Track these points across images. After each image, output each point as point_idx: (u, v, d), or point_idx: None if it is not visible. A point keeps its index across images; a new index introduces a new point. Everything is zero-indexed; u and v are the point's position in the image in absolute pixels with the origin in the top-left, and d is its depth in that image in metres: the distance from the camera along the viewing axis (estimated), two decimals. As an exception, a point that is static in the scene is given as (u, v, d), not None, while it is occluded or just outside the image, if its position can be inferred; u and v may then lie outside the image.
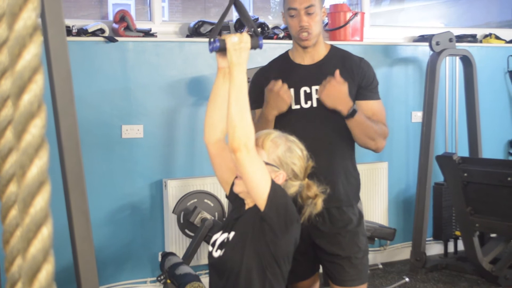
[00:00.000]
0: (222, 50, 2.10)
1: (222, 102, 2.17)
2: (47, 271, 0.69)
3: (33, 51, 0.66)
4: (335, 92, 2.59)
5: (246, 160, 1.98)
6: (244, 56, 2.06)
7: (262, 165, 2.04)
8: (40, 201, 0.68)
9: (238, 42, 2.06)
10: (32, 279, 0.70)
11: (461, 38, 5.35)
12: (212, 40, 2.11)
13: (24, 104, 0.66)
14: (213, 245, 2.19)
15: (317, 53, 2.76)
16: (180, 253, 4.20)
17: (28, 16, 0.65)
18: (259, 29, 4.65)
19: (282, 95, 2.62)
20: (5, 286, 0.93)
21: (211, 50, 2.13)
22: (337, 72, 2.63)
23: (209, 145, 2.23)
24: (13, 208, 0.87)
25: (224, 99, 2.15)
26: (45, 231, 0.69)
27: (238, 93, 2.00)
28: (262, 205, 2.02)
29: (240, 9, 2.25)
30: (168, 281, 3.78)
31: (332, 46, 2.84)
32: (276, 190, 2.03)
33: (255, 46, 2.14)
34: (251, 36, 2.12)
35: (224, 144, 2.21)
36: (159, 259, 4.17)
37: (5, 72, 0.82)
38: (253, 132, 2.00)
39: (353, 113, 2.61)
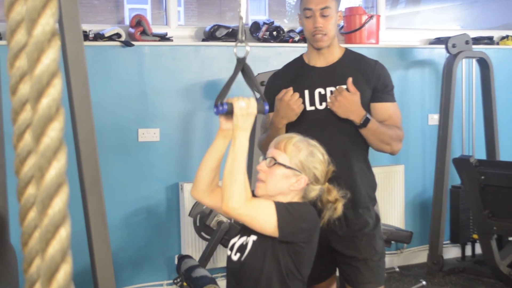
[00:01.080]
0: (229, 113, 2.11)
1: (218, 164, 2.22)
2: (65, 271, 0.71)
3: (51, 56, 0.67)
4: (347, 103, 2.60)
5: (240, 217, 2.05)
6: (249, 121, 2.07)
7: (259, 206, 2.06)
8: (59, 203, 0.70)
9: (245, 107, 2.06)
10: (50, 279, 0.71)
11: (477, 40, 5.32)
12: (219, 103, 2.11)
13: (43, 108, 0.68)
14: (231, 249, 2.20)
15: (332, 55, 2.77)
16: (197, 256, 4.21)
17: (47, 22, 0.66)
18: (274, 33, 4.65)
19: (292, 105, 2.62)
20: (24, 287, 0.94)
21: (218, 113, 2.13)
22: (350, 81, 2.64)
23: (202, 198, 2.27)
24: (31, 210, 0.88)
25: (220, 160, 2.21)
26: (63, 232, 0.70)
27: (237, 156, 2.03)
28: (275, 235, 2.06)
29: (247, 74, 2.23)
30: (185, 283, 3.79)
31: (346, 49, 2.84)
32: (283, 217, 2.05)
33: (261, 111, 2.13)
34: (257, 100, 2.12)
35: (218, 188, 2.24)
36: (176, 262, 4.19)
37: (24, 77, 0.83)
38: (244, 192, 2.02)
39: (366, 121, 2.61)
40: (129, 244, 4.32)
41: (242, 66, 2.21)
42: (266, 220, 2.04)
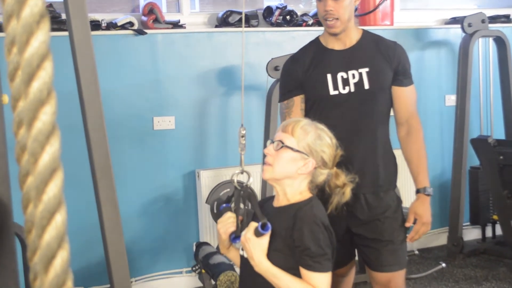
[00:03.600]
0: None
1: None
2: (62, 258, 0.70)
3: (41, 38, 0.66)
4: (427, 226, 2.85)
5: None
6: (248, 248, 2.03)
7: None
8: (53, 188, 0.68)
9: (244, 240, 2.05)
10: (47, 266, 0.70)
11: (494, 19, 5.24)
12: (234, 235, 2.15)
13: (34, 92, 0.66)
14: (243, 249, 2.16)
15: (349, 38, 2.72)
16: (214, 243, 4.21)
17: (35, 3, 0.65)
18: (287, 17, 4.61)
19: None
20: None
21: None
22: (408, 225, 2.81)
23: None
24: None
25: None
26: (59, 218, 0.69)
27: (271, 280, 2.01)
28: None
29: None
30: (203, 271, 3.80)
31: (364, 30, 2.79)
32: (329, 267, 2.03)
33: (257, 234, 2.05)
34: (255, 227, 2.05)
35: None
36: (194, 249, 4.20)
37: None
38: None
39: (428, 191, 2.92)
40: (147, 233, 4.33)
41: (246, 196, 2.17)
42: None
